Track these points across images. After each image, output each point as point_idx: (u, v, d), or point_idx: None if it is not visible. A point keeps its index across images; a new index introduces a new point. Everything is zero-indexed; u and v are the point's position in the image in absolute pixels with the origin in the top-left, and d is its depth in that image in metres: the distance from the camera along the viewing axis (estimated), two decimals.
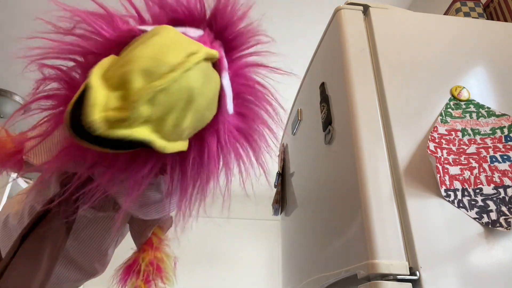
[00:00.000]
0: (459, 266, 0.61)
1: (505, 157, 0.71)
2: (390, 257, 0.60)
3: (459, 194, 0.67)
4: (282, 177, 1.34)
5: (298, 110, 1.17)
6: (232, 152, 0.67)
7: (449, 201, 0.66)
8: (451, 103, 0.78)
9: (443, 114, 0.76)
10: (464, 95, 0.79)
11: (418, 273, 0.59)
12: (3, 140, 0.79)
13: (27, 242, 0.74)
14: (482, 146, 0.73)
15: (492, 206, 0.66)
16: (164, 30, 0.57)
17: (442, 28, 0.90)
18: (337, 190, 0.79)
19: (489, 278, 0.60)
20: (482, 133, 0.75)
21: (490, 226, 0.64)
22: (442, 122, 0.75)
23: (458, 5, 1.26)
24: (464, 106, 0.78)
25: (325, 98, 0.90)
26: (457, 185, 0.68)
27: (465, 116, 0.77)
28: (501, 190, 0.68)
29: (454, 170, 0.69)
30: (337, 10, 0.90)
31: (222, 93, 0.62)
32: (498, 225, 0.64)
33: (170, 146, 0.56)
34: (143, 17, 0.65)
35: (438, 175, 0.68)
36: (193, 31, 0.63)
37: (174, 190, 0.67)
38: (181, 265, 0.96)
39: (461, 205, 0.66)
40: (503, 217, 0.64)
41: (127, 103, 0.49)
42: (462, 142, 0.73)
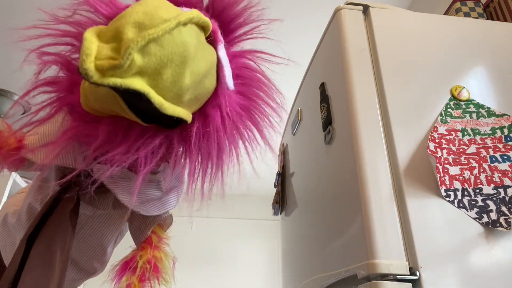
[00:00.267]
0: (459, 266, 0.61)
1: (505, 157, 0.71)
2: (390, 257, 0.60)
3: (459, 194, 0.67)
4: (282, 177, 1.34)
5: (298, 110, 1.17)
6: (236, 126, 0.66)
7: (449, 201, 0.66)
8: (451, 103, 0.78)
9: (443, 114, 0.76)
10: (464, 95, 0.79)
11: (418, 273, 0.59)
12: (5, 135, 0.79)
13: (37, 245, 0.72)
14: (482, 146, 0.73)
15: (492, 206, 0.66)
16: None
17: (442, 28, 0.90)
18: (337, 190, 0.79)
19: (489, 278, 0.60)
20: (482, 133, 0.75)
21: (490, 226, 0.64)
22: (442, 122, 0.75)
23: (458, 5, 1.26)
24: (464, 106, 0.78)
25: (325, 98, 0.90)
26: (457, 185, 0.68)
27: (465, 116, 0.77)
28: (501, 190, 0.68)
29: (454, 170, 0.69)
30: (337, 10, 0.90)
31: (220, 64, 0.62)
32: (498, 225, 0.64)
33: (168, 106, 0.55)
34: None
35: (438, 175, 0.68)
36: (187, 10, 0.63)
37: (178, 168, 0.66)
38: (181, 264, 0.95)
39: (461, 205, 0.66)
40: (503, 217, 0.64)
41: (120, 53, 0.49)
42: (462, 142, 0.73)
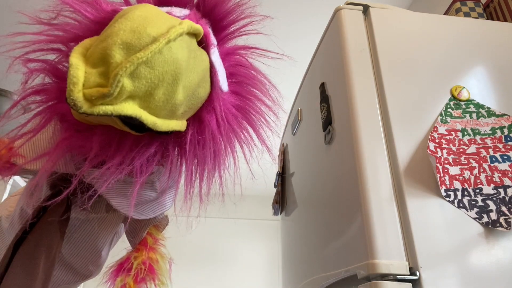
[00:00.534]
0: (459, 266, 0.61)
1: (505, 157, 0.71)
2: (390, 257, 0.60)
3: (459, 194, 0.67)
4: (282, 177, 1.34)
5: (298, 110, 1.17)
6: (232, 128, 0.65)
7: (449, 201, 0.66)
8: (451, 103, 0.78)
9: (443, 114, 0.76)
10: (464, 95, 0.79)
11: (418, 273, 0.59)
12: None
13: (21, 251, 0.71)
14: (482, 146, 0.73)
15: (492, 206, 0.66)
16: (143, 5, 0.55)
17: (442, 28, 0.90)
18: (337, 190, 0.79)
19: (489, 278, 0.60)
20: (482, 133, 0.75)
21: (490, 226, 0.64)
22: (442, 122, 0.75)
23: (458, 5, 1.26)
24: (464, 106, 0.78)
25: (325, 98, 0.90)
26: (457, 185, 0.68)
27: (465, 116, 0.77)
28: (501, 190, 0.68)
29: (454, 170, 0.69)
30: (337, 10, 0.90)
31: (213, 69, 0.61)
32: (498, 225, 0.64)
33: (162, 123, 0.54)
34: None
35: (438, 175, 0.68)
36: (178, 11, 0.61)
37: (174, 174, 0.66)
38: (180, 264, 0.95)
39: (461, 205, 0.66)
40: (503, 217, 0.64)
41: (108, 79, 0.47)
42: (462, 142, 0.73)
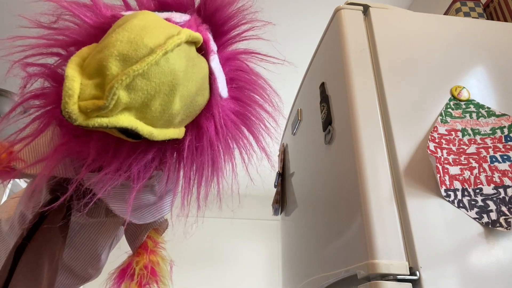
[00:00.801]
0: (459, 266, 0.61)
1: (505, 157, 0.71)
2: (390, 257, 0.60)
3: (459, 194, 0.67)
4: (282, 177, 1.34)
5: (298, 110, 1.17)
6: (231, 135, 0.65)
7: (449, 201, 0.66)
8: (451, 103, 0.78)
9: (443, 114, 0.76)
10: (464, 95, 0.79)
11: (418, 273, 0.59)
12: None
13: (24, 259, 0.70)
14: (482, 146, 0.73)
15: (492, 206, 0.66)
16: (142, 14, 0.54)
17: (442, 28, 0.90)
18: (337, 190, 0.79)
19: (489, 278, 0.60)
20: (482, 133, 0.75)
21: (490, 226, 0.64)
22: (442, 122, 0.75)
23: (458, 5, 1.26)
24: (464, 106, 0.78)
25: (325, 98, 0.90)
26: (457, 185, 0.68)
27: (465, 116, 0.77)
28: (501, 190, 0.68)
29: (454, 170, 0.69)
30: (337, 10, 0.90)
31: (213, 76, 0.60)
32: (498, 225, 0.64)
33: (158, 133, 0.54)
34: (128, 3, 0.63)
35: (438, 175, 0.68)
36: (178, 16, 0.60)
37: (172, 180, 0.65)
38: (181, 265, 0.95)
39: (461, 205, 0.66)
40: (503, 217, 0.64)
41: (104, 91, 0.47)
42: (462, 142, 0.73)
